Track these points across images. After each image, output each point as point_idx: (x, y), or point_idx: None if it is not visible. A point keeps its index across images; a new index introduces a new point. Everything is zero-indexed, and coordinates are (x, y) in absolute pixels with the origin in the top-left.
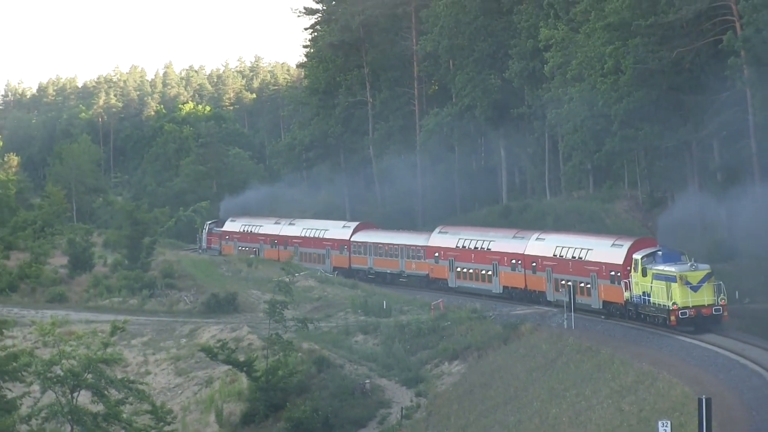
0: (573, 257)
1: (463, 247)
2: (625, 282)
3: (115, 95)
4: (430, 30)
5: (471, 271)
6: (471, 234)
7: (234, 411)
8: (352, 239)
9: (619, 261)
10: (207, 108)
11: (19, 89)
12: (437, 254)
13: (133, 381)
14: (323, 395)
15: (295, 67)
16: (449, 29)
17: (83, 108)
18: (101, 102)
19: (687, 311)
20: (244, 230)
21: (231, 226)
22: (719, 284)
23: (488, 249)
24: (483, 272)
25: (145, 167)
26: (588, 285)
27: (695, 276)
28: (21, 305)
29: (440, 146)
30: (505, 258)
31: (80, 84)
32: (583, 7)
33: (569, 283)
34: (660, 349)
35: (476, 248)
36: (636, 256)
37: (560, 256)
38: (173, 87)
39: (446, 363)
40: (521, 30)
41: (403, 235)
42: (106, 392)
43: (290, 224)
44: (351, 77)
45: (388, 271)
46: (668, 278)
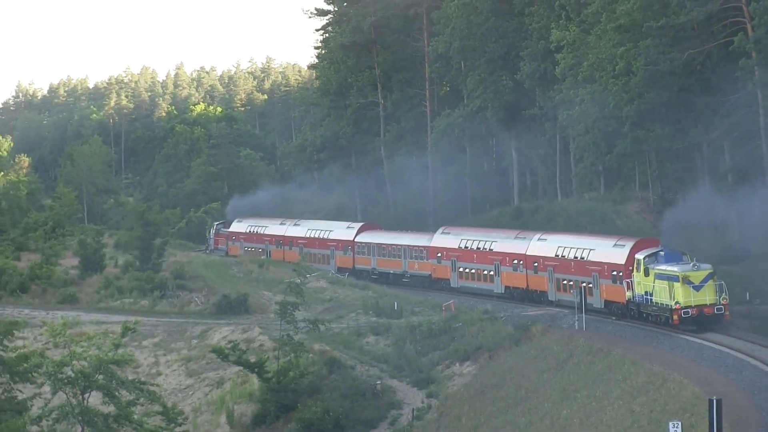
0: (575, 257)
1: (466, 248)
2: (627, 282)
3: (126, 96)
4: (442, 31)
5: (473, 272)
6: (473, 234)
7: (245, 412)
8: (356, 240)
9: (621, 261)
10: (218, 109)
11: (30, 90)
12: (440, 254)
13: (144, 382)
14: (334, 396)
15: (307, 69)
16: (461, 30)
17: (94, 109)
18: (112, 103)
19: (689, 310)
20: (250, 231)
21: (237, 227)
22: (721, 284)
23: (490, 249)
24: (485, 272)
25: (156, 168)
26: (590, 285)
27: (697, 276)
28: (32, 306)
29: (452, 147)
30: (507, 258)
31: (91, 85)
32: (595, 9)
33: (582, 285)
34: (670, 350)
35: (478, 249)
36: (638, 256)
37: (562, 256)
38: (184, 88)
39: (457, 364)
40: (533, 31)
41: (406, 236)
42: (117, 393)
43: (295, 225)
44: (362, 78)
45: (391, 272)
46: (671, 278)
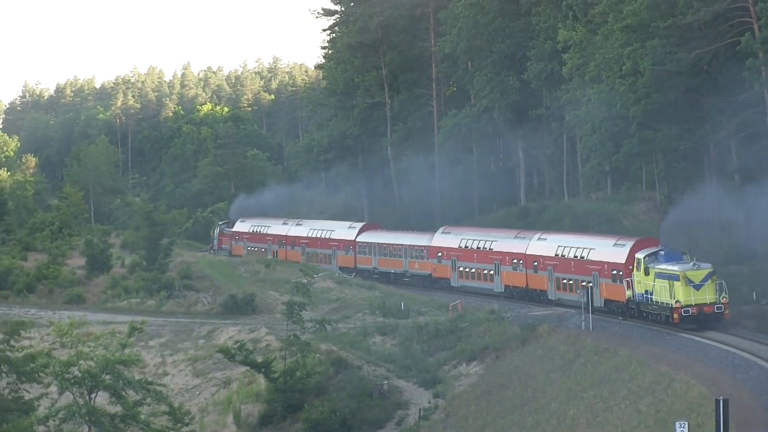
0: (575, 257)
1: (466, 247)
2: (627, 281)
3: (133, 96)
4: (449, 31)
5: (473, 271)
6: (473, 234)
7: (252, 412)
8: (358, 240)
9: (622, 260)
10: (225, 109)
11: (37, 90)
12: (440, 254)
13: (151, 382)
14: (341, 396)
15: (314, 69)
16: (467, 30)
17: (101, 109)
18: (119, 103)
19: (689, 309)
20: (253, 231)
21: (240, 227)
22: (721, 283)
23: (490, 249)
24: (485, 272)
25: (163, 168)
26: (590, 284)
27: (697, 275)
28: (39, 306)
29: (458, 147)
30: (507, 258)
31: (98, 85)
32: (602, 9)
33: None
34: (677, 350)
35: (478, 248)
36: (639, 256)
37: (562, 256)
38: (191, 88)
39: (464, 364)
40: (540, 31)
41: (407, 236)
42: (124, 393)
43: (297, 225)
44: (369, 78)
45: (392, 271)
46: (671, 277)
